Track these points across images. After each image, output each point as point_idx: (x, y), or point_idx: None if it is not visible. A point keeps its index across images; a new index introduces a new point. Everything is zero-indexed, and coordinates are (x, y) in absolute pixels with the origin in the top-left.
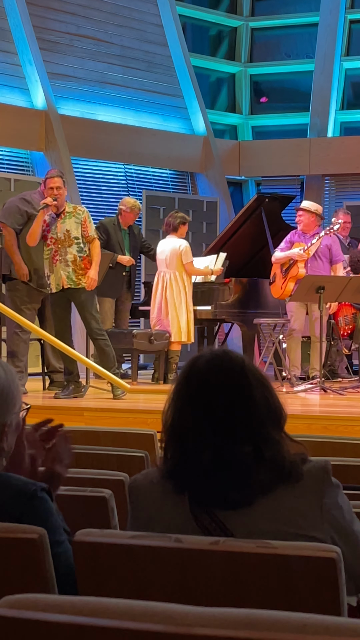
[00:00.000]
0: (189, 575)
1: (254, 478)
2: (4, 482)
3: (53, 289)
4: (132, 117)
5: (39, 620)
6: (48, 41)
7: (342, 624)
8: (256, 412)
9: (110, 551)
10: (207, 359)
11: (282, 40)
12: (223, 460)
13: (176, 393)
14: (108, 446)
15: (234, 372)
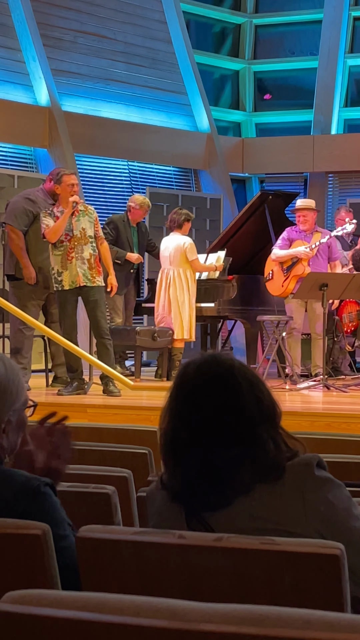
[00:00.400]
0: (192, 571)
1: (235, 479)
2: (8, 478)
3: (66, 286)
4: (135, 113)
5: (43, 616)
6: (52, 38)
7: (346, 620)
8: (245, 414)
9: (113, 547)
10: (197, 365)
11: (286, 37)
12: (209, 465)
13: (169, 401)
14: (111, 443)
15: (222, 377)
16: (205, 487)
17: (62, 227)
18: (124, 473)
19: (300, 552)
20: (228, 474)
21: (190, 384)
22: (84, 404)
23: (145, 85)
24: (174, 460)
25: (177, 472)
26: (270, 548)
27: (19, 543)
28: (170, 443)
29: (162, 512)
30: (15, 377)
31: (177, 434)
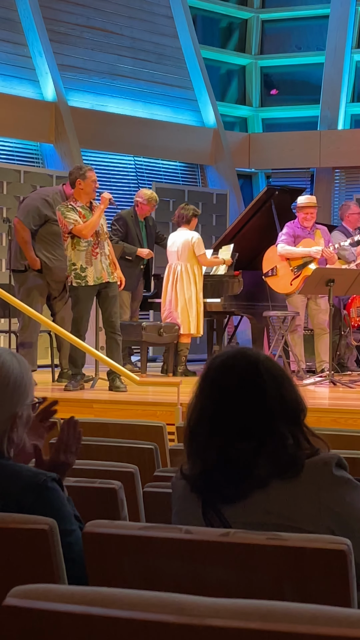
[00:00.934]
0: (198, 566)
1: (252, 472)
2: (15, 473)
3: (90, 282)
4: (142, 109)
5: (50, 611)
6: (58, 33)
7: (353, 616)
8: (267, 408)
9: (120, 542)
10: (223, 359)
11: (292, 32)
12: (225, 457)
13: (195, 393)
14: (117, 438)
15: (246, 371)
16: (222, 479)
17: (97, 223)
18: (130, 468)
19: (307, 548)
20: (245, 467)
21: (215, 376)
22: (90, 400)
23: (152, 81)
24: (194, 451)
25: (197, 463)
26: (276, 543)
27: (25, 538)
28: (192, 434)
29: (183, 501)
30: (26, 373)
31: (199, 425)
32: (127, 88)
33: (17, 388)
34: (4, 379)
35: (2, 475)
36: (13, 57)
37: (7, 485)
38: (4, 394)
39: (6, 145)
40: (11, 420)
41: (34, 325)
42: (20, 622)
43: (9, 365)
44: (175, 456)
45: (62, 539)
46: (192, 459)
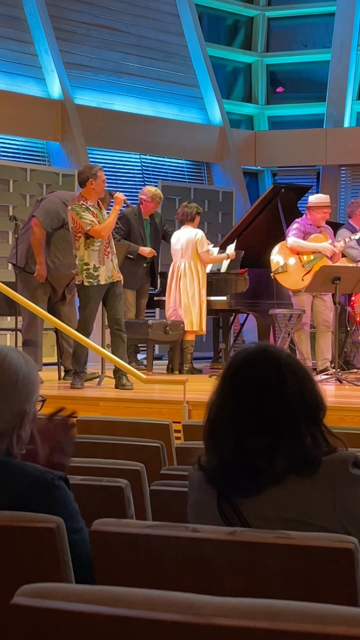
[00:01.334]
0: (206, 565)
1: (268, 467)
2: (21, 472)
3: (102, 281)
4: (148, 107)
5: (57, 609)
6: (64, 31)
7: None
8: (286, 406)
9: (126, 541)
10: (245, 355)
11: (298, 30)
12: (243, 451)
13: (216, 388)
14: (124, 436)
15: (267, 368)
16: (239, 472)
17: (114, 223)
18: (137, 466)
19: (314, 546)
20: (261, 462)
21: (236, 372)
22: (96, 397)
23: (158, 79)
24: (212, 444)
25: (215, 455)
26: (284, 542)
27: (33, 536)
28: (212, 427)
29: (199, 492)
30: (33, 370)
31: (218, 419)
32: (133, 86)
33: (26, 385)
34: (12, 376)
35: (9, 473)
36: (19, 55)
37: (14, 484)
38: (13, 390)
39: (12, 143)
40: (20, 417)
41: (39, 323)
42: (27, 621)
43: (17, 363)
44: (182, 454)
45: (69, 537)
46: (210, 452)
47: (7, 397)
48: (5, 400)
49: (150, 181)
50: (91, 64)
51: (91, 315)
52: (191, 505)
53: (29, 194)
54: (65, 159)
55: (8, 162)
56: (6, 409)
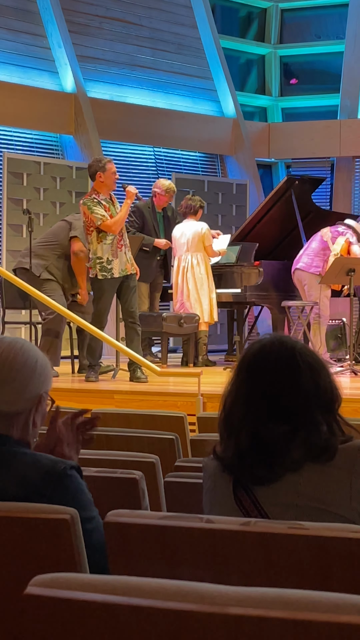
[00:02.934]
0: (220, 556)
1: (285, 455)
2: (34, 461)
3: (116, 274)
4: (161, 99)
5: (72, 599)
6: (77, 24)
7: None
8: (302, 395)
9: (141, 532)
10: (261, 345)
11: (312, 21)
12: (259, 439)
13: (232, 377)
14: (138, 428)
15: (282, 357)
16: (256, 460)
17: (125, 217)
18: (152, 458)
19: (329, 537)
20: (278, 450)
21: (252, 362)
22: (111, 390)
23: (171, 71)
24: (228, 433)
25: (230, 444)
26: (298, 532)
27: (47, 527)
28: (227, 416)
29: (214, 480)
30: (47, 362)
31: (234, 408)
32: (146, 78)
33: (44, 369)
34: (32, 358)
35: (21, 463)
36: (32, 49)
37: (27, 474)
38: (32, 372)
39: (26, 136)
40: (37, 400)
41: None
42: (41, 611)
43: (34, 349)
44: (196, 446)
45: (83, 526)
46: (226, 441)
47: (27, 377)
48: (25, 380)
49: (164, 174)
50: (104, 56)
51: (105, 309)
52: (206, 492)
53: (42, 188)
54: (79, 152)
55: (22, 156)
56: (25, 389)
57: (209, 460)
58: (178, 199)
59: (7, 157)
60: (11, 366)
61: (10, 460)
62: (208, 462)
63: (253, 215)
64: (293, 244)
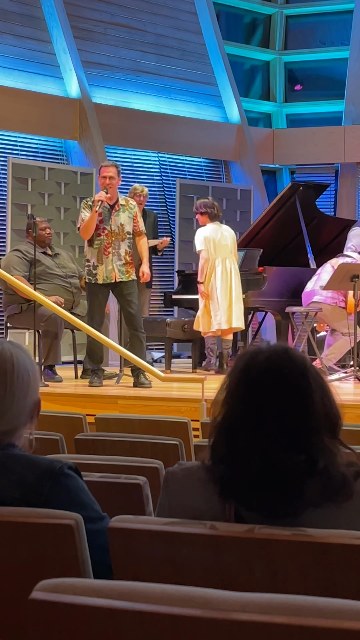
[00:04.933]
0: (224, 562)
1: (305, 491)
2: (31, 462)
3: (100, 280)
4: (166, 105)
5: (76, 604)
6: (82, 29)
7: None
8: (313, 418)
9: (145, 538)
10: (267, 356)
11: (316, 28)
12: (273, 467)
13: (230, 387)
14: (142, 434)
15: (294, 373)
16: (273, 492)
17: (91, 225)
18: (155, 464)
19: (333, 543)
20: (296, 484)
21: (259, 374)
22: (115, 396)
23: (176, 77)
24: (229, 452)
25: (236, 468)
26: (302, 539)
27: (51, 532)
28: (227, 431)
29: (194, 497)
30: (35, 365)
31: (237, 423)
32: (151, 84)
33: (35, 376)
34: (24, 371)
35: (18, 464)
36: (37, 54)
37: (24, 475)
38: (27, 385)
39: (31, 142)
40: (35, 407)
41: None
42: (46, 616)
43: (21, 355)
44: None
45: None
46: (226, 461)
47: (24, 394)
48: (22, 398)
49: (168, 179)
50: (109, 62)
51: (93, 312)
52: (171, 508)
53: (47, 193)
54: (84, 158)
55: (26, 161)
56: (24, 408)
57: (186, 477)
58: (182, 204)
59: (12, 162)
60: (11, 393)
61: (5, 462)
62: (182, 477)
63: (257, 221)
64: (297, 250)
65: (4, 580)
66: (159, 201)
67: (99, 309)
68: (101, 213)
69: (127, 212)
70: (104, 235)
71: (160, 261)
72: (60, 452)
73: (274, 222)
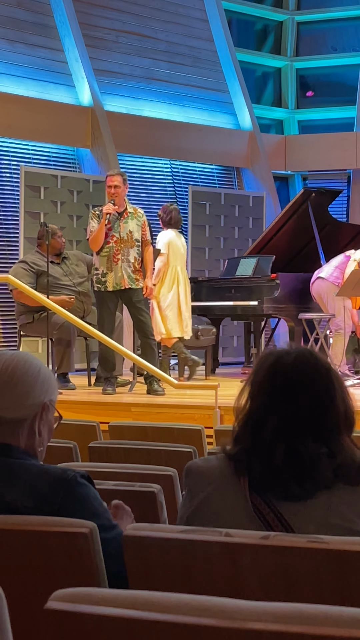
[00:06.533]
0: (239, 569)
1: (319, 474)
2: (43, 471)
3: (109, 287)
4: (177, 112)
5: (92, 614)
6: (94, 38)
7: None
8: (335, 415)
9: (160, 546)
10: (295, 357)
11: (328, 34)
12: (296, 455)
13: (257, 384)
14: (156, 441)
15: (320, 373)
16: (291, 477)
17: (99, 238)
18: (169, 471)
19: (349, 551)
20: (313, 468)
21: (288, 372)
22: (128, 403)
23: (187, 84)
24: (255, 443)
25: (260, 457)
26: (318, 546)
27: (66, 541)
28: (256, 425)
29: (219, 486)
30: (51, 374)
31: (265, 419)
32: (162, 92)
33: (47, 378)
34: (35, 367)
35: (30, 474)
36: (49, 63)
37: (37, 484)
38: (35, 380)
39: (43, 150)
40: (39, 408)
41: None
42: (62, 626)
43: (38, 360)
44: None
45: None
46: (251, 454)
47: (30, 384)
48: (27, 386)
49: (181, 187)
50: (121, 70)
51: (104, 320)
52: (204, 498)
53: (59, 201)
54: (96, 166)
55: (39, 169)
56: (28, 395)
57: (205, 463)
58: (194, 211)
59: (25, 170)
60: (13, 373)
61: (17, 471)
62: (206, 465)
63: (270, 228)
64: (310, 257)
65: (19, 590)
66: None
67: (109, 317)
68: (110, 221)
69: (136, 219)
70: (113, 242)
71: None
72: (74, 460)
73: (286, 228)
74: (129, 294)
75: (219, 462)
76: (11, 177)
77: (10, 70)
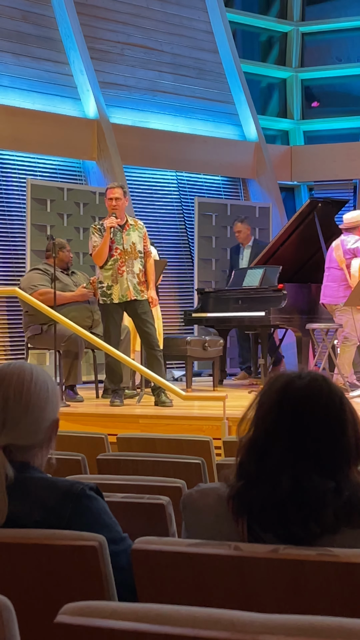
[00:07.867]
0: (248, 583)
1: (326, 516)
2: (51, 485)
3: (115, 299)
4: (183, 124)
5: (102, 628)
6: (99, 50)
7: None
8: (346, 447)
9: (169, 559)
10: (306, 384)
11: (333, 45)
12: (302, 490)
13: (264, 407)
14: (164, 453)
15: (333, 404)
16: (293, 517)
17: (104, 252)
18: (178, 483)
19: (359, 564)
20: (318, 507)
21: (298, 399)
22: (136, 415)
23: (193, 96)
24: (257, 470)
25: (264, 488)
26: (327, 559)
27: (75, 554)
28: (258, 450)
29: (218, 516)
30: (55, 385)
31: (269, 443)
32: (168, 104)
33: (54, 394)
34: (43, 387)
35: (38, 487)
36: (55, 76)
37: (45, 497)
38: (46, 401)
39: (49, 163)
40: (54, 426)
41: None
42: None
43: (42, 373)
44: (222, 470)
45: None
46: (253, 487)
47: (42, 408)
48: (40, 412)
49: (187, 198)
50: (126, 82)
51: (109, 332)
52: (202, 528)
53: (66, 214)
54: (102, 178)
55: (45, 182)
56: (42, 421)
57: (202, 498)
58: (201, 222)
59: (31, 183)
60: (26, 401)
61: (26, 486)
62: (202, 502)
63: (276, 239)
64: (316, 267)
65: (29, 603)
66: (178, 220)
67: (115, 329)
68: (113, 233)
69: (137, 231)
70: (117, 255)
71: (180, 279)
72: (82, 472)
73: (293, 239)
74: (134, 305)
75: (214, 502)
76: (17, 190)
77: (16, 84)
